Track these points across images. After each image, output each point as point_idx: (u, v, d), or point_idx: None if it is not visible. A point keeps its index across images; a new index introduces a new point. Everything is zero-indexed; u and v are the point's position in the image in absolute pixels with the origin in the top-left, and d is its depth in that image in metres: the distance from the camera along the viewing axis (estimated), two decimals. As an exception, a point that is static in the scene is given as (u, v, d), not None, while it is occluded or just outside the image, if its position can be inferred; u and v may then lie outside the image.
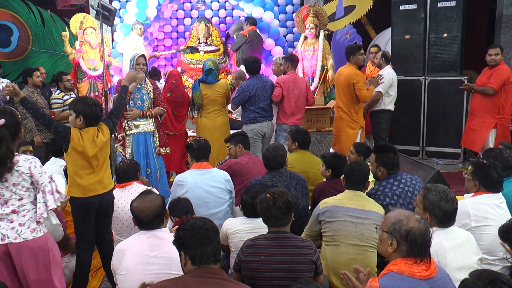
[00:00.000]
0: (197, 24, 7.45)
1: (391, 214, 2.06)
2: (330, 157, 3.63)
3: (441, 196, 2.38)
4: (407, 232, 1.93)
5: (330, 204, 2.85)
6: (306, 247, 2.38)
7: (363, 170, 2.96)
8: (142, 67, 4.41)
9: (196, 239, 1.90)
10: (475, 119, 5.55)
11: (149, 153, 4.52)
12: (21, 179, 2.45)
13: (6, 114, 2.48)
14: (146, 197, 2.47)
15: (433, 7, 6.48)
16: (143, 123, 4.49)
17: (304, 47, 6.61)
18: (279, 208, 2.37)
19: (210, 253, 1.90)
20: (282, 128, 5.19)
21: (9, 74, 8.72)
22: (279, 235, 2.40)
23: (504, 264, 2.72)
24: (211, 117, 5.16)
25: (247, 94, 5.04)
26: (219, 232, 2.03)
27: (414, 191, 3.10)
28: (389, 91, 5.81)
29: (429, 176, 4.28)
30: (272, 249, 2.35)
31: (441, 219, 2.37)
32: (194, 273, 1.89)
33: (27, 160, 2.48)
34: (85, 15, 6.93)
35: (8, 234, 2.43)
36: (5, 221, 2.45)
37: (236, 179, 3.82)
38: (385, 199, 3.06)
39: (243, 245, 2.46)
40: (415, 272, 1.88)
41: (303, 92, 5.17)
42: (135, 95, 4.45)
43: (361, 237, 2.71)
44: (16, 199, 2.47)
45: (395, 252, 1.96)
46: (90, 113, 2.92)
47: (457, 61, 6.44)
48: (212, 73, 5.08)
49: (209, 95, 5.08)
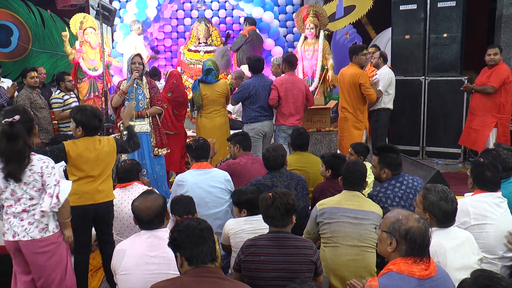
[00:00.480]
0: (197, 24, 7.45)
1: (390, 214, 2.06)
2: (329, 157, 3.62)
3: (441, 196, 2.37)
4: (406, 232, 1.93)
5: (327, 205, 2.84)
6: (306, 247, 2.38)
7: (360, 170, 2.95)
8: (137, 66, 4.40)
9: (192, 239, 1.90)
10: (476, 119, 5.54)
11: (144, 153, 4.52)
12: (32, 179, 2.50)
13: (19, 111, 2.56)
14: (148, 196, 2.49)
15: (433, 7, 6.48)
16: (138, 123, 4.48)
17: (304, 47, 6.61)
18: (277, 209, 2.36)
19: (206, 252, 1.91)
20: (281, 129, 5.18)
21: (9, 74, 8.73)
22: (279, 235, 2.38)
23: (504, 263, 2.72)
24: (210, 117, 5.16)
25: (247, 91, 5.05)
26: (213, 232, 2.03)
27: (415, 193, 3.07)
28: (388, 90, 5.81)
29: (429, 176, 4.28)
30: (272, 249, 2.35)
31: (440, 219, 2.36)
32: (191, 273, 1.90)
33: (40, 160, 2.53)
34: (85, 15, 6.93)
35: (18, 231, 2.52)
36: (17, 218, 2.53)
37: (234, 179, 3.82)
38: (387, 201, 3.03)
39: (243, 245, 2.45)
40: (415, 272, 1.88)
41: (301, 92, 5.15)
42: (130, 95, 4.45)
43: (359, 237, 2.71)
44: (27, 198, 2.53)
45: (395, 252, 1.97)
46: (89, 124, 2.96)
47: (457, 61, 6.44)
48: (211, 73, 5.08)
49: (209, 95, 5.09)
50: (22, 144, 2.44)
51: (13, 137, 2.43)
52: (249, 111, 5.14)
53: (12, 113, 2.51)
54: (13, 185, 2.50)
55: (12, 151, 2.43)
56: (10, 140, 2.43)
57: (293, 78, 5.20)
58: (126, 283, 2.34)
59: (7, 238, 2.56)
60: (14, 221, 2.54)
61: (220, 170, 3.68)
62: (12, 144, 2.42)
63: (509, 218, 2.78)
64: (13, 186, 2.51)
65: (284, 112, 5.13)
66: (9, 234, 2.55)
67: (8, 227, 2.56)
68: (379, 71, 5.86)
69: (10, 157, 2.44)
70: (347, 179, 2.94)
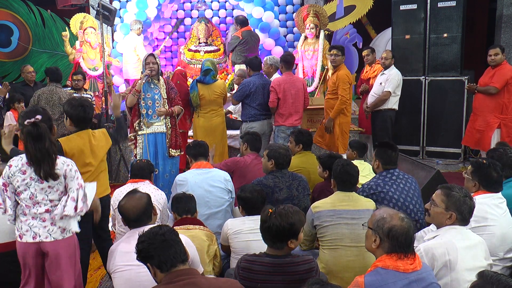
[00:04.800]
0: (197, 24, 7.44)
1: (377, 211, 2.12)
2: (325, 158, 3.62)
3: (465, 193, 2.40)
4: (389, 230, 1.98)
5: (322, 208, 2.82)
6: (307, 271, 2.20)
7: (351, 171, 2.93)
8: (151, 66, 4.38)
9: (155, 246, 1.89)
10: (479, 119, 5.50)
11: (158, 154, 4.53)
12: (57, 182, 2.47)
13: (39, 112, 2.58)
14: (133, 196, 2.53)
15: (433, 7, 6.49)
16: (156, 124, 4.50)
17: (304, 47, 6.61)
18: (269, 229, 2.18)
19: (173, 255, 1.89)
20: (280, 129, 5.18)
21: (9, 74, 8.73)
22: (276, 261, 2.19)
23: (505, 264, 2.72)
24: (207, 117, 5.17)
25: (248, 89, 5.07)
26: (177, 233, 2.00)
27: (406, 183, 3.16)
28: (396, 91, 5.83)
29: (429, 176, 4.27)
30: (270, 276, 2.18)
31: (465, 216, 2.37)
32: (165, 280, 1.89)
33: (64, 163, 2.51)
34: (85, 15, 6.93)
35: (39, 232, 2.49)
36: (37, 219, 2.49)
37: (236, 177, 3.84)
38: (377, 188, 3.14)
39: (238, 262, 2.31)
40: (399, 266, 1.94)
41: (300, 91, 5.15)
42: (146, 94, 4.44)
43: (357, 238, 2.70)
44: (48, 200, 2.50)
45: (379, 248, 2.03)
46: (76, 115, 2.92)
47: (457, 61, 6.44)
48: (210, 74, 5.09)
49: (206, 96, 5.08)
50: (48, 143, 2.41)
51: (39, 137, 2.39)
52: (249, 109, 5.14)
53: (33, 113, 2.50)
54: (33, 188, 2.46)
55: (40, 152, 2.39)
56: (36, 141, 2.39)
57: (290, 77, 5.18)
58: (120, 280, 2.36)
59: (25, 240, 2.50)
60: (34, 222, 2.49)
61: (220, 170, 3.69)
62: (39, 144, 2.39)
63: (509, 219, 2.78)
64: (33, 190, 2.46)
65: (283, 113, 5.12)
66: (29, 235, 2.49)
67: (27, 229, 2.50)
68: (388, 71, 5.83)
69: (40, 157, 2.40)
70: (340, 180, 2.92)
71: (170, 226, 2.03)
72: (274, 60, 5.53)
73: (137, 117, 4.47)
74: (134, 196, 2.52)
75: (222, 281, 2.00)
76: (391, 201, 3.08)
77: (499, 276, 1.71)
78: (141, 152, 4.49)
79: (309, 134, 4.24)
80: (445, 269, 2.23)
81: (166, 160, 4.57)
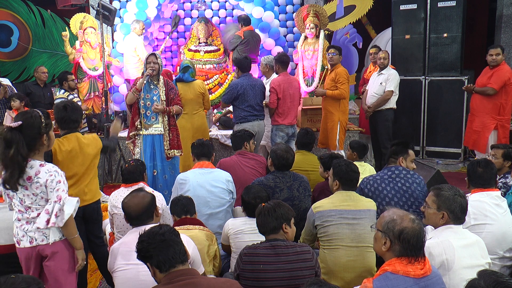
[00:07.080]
0: (197, 24, 7.43)
1: (386, 213, 2.06)
2: (327, 158, 3.63)
3: (454, 192, 2.39)
4: (400, 232, 1.93)
5: (323, 208, 2.82)
6: (305, 253, 2.34)
7: (356, 170, 2.94)
8: (152, 66, 4.37)
9: (155, 246, 1.88)
10: (476, 120, 5.50)
11: (156, 155, 4.52)
12: (40, 191, 2.41)
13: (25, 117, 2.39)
14: (136, 194, 2.55)
15: (433, 7, 6.49)
16: (154, 125, 4.50)
17: (304, 47, 6.60)
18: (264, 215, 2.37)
19: (173, 255, 1.88)
20: (279, 128, 5.19)
21: (9, 74, 8.73)
22: (276, 243, 2.33)
23: (504, 263, 2.72)
24: (187, 118, 5.10)
25: (235, 91, 5.05)
26: (177, 233, 2.00)
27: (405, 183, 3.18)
28: (396, 90, 5.84)
29: (429, 176, 4.28)
30: (271, 258, 2.30)
31: (458, 214, 2.36)
32: (164, 280, 1.88)
33: (47, 173, 2.40)
34: (85, 15, 6.93)
35: (35, 236, 2.46)
36: (31, 224, 2.45)
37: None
38: (374, 184, 3.21)
39: (240, 252, 2.40)
40: (410, 272, 1.88)
41: (297, 90, 5.29)
42: (145, 95, 4.44)
43: (358, 238, 2.70)
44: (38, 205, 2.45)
45: (389, 251, 1.97)
46: (57, 116, 2.90)
47: (457, 61, 6.44)
48: (189, 71, 5.07)
49: (184, 95, 5.01)
50: (13, 152, 2.31)
51: (7, 143, 2.33)
52: (239, 111, 5.12)
53: (19, 117, 2.40)
54: (21, 193, 2.41)
55: (6, 158, 2.33)
56: (6, 147, 2.34)
57: (288, 78, 5.26)
58: (121, 279, 2.36)
59: (23, 245, 2.47)
60: (29, 227, 2.45)
61: (221, 171, 3.69)
62: (6, 150, 2.33)
63: (509, 218, 2.78)
64: (21, 195, 2.42)
65: (282, 112, 5.16)
66: (25, 240, 2.46)
67: (23, 234, 2.47)
68: (386, 71, 5.83)
69: (5, 164, 2.35)
70: (340, 180, 2.92)
71: (170, 226, 2.02)
72: (268, 60, 5.55)
73: (138, 116, 4.47)
74: (138, 194, 2.54)
75: (222, 281, 1.99)
76: (384, 200, 3.11)
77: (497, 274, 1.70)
78: (140, 152, 4.49)
79: (312, 133, 4.27)
80: (442, 268, 2.23)
81: (164, 161, 4.56)
